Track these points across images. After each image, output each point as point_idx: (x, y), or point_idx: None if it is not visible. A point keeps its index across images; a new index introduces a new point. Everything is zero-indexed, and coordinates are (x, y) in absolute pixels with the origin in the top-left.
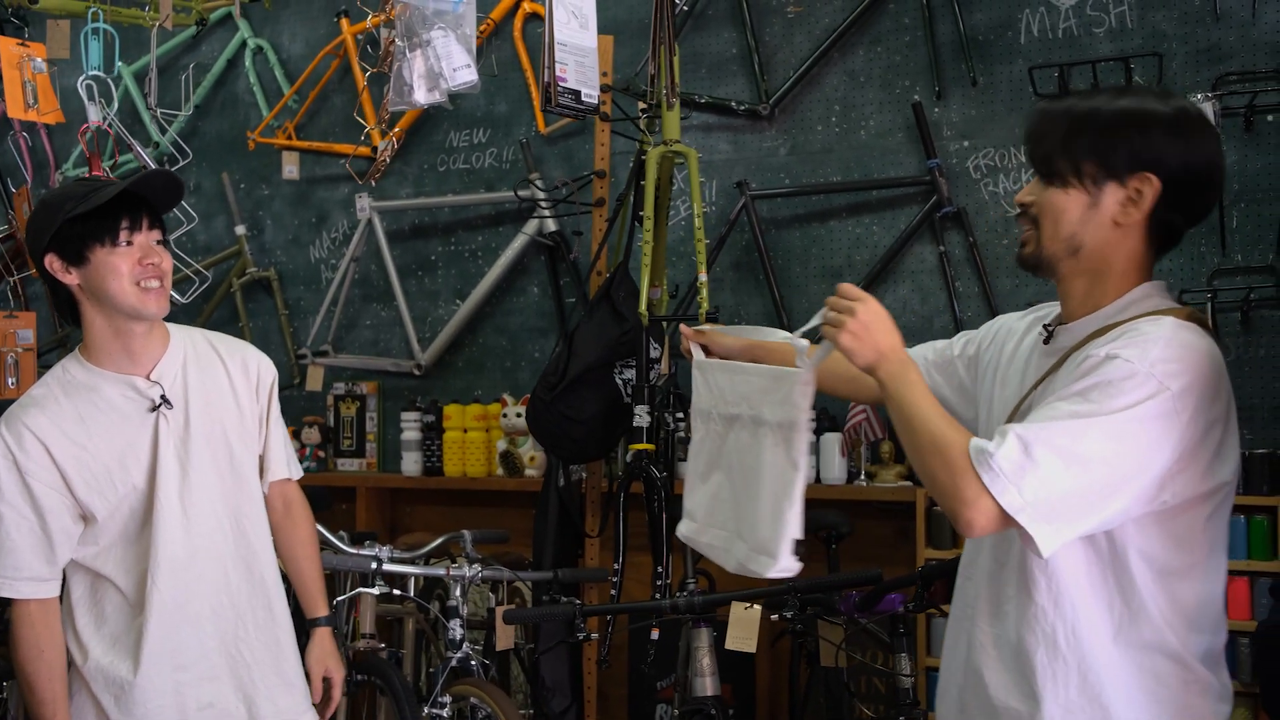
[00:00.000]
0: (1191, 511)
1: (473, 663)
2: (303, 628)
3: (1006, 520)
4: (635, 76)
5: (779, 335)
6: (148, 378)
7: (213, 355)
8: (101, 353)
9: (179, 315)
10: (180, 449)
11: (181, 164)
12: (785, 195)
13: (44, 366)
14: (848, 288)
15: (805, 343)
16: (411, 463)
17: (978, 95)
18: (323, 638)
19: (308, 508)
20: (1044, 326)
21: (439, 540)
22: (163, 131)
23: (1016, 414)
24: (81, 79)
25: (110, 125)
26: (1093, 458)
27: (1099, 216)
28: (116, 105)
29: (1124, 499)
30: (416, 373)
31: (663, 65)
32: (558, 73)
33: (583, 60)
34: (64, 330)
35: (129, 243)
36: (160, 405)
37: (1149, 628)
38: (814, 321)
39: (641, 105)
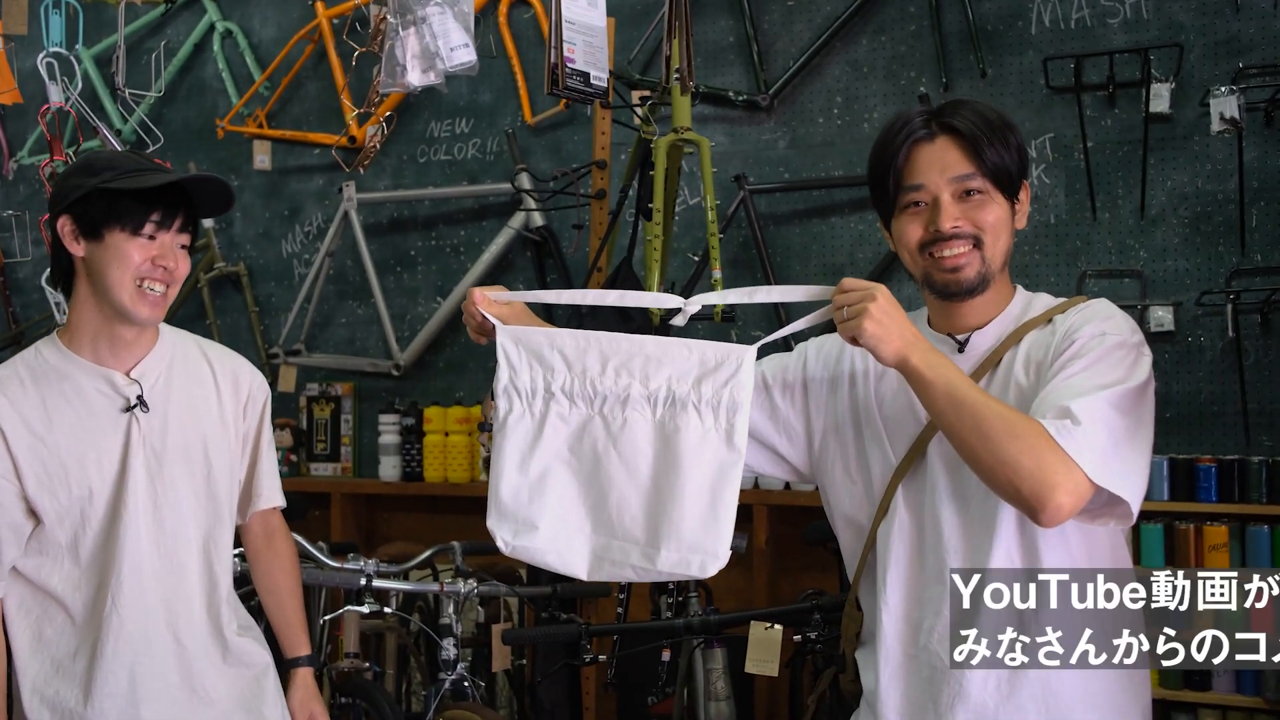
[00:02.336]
0: None
1: (466, 684)
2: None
3: (1094, 493)
4: (629, 63)
5: (647, 299)
6: (127, 374)
7: (202, 363)
8: (83, 338)
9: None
10: (152, 459)
11: (150, 150)
12: (785, 190)
13: None
14: (852, 280)
15: (688, 304)
16: (390, 467)
17: (986, 87)
18: (305, 679)
19: (291, 538)
20: (953, 338)
21: (427, 553)
22: (128, 115)
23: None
24: (42, 56)
25: (73, 106)
26: (1131, 421)
27: (1012, 226)
28: (79, 85)
29: (1150, 459)
30: (395, 373)
31: (676, 47)
32: (565, 53)
33: (591, 40)
34: (19, 327)
35: (151, 237)
36: (135, 407)
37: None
38: (802, 324)
39: (639, 93)
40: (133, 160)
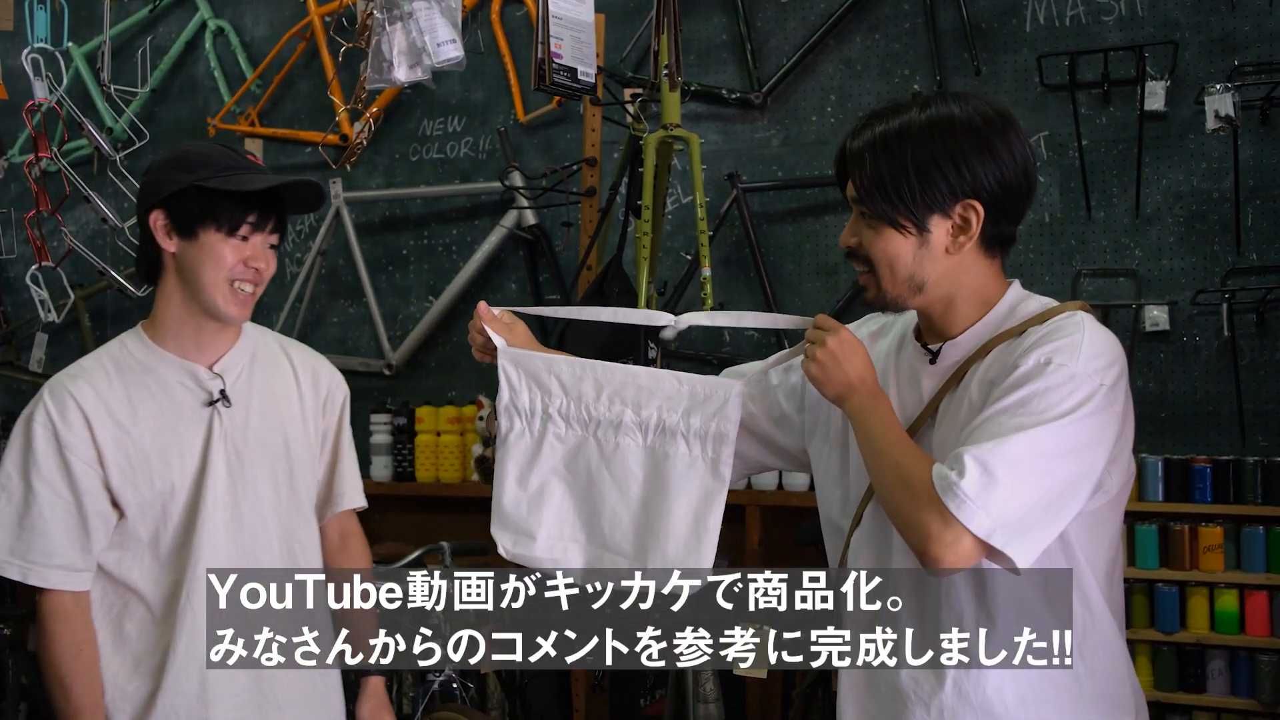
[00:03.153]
0: (1115, 502)
1: (455, 686)
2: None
3: (979, 548)
4: (620, 62)
5: (637, 315)
6: (210, 368)
7: (283, 359)
8: (169, 332)
9: (135, 312)
10: (233, 454)
11: (138, 146)
12: (778, 188)
13: None
14: (823, 318)
15: (679, 320)
16: (381, 468)
17: (981, 85)
18: (376, 689)
19: (365, 542)
20: (926, 347)
21: (416, 553)
22: (118, 114)
23: (918, 433)
24: (26, 52)
25: (59, 103)
26: (1049, 465)
27: (932, 252)
28: (66, 83)
29: (1079, 499)
30: (387, 373)
31: (665, 42)
32: (553, 48)
33: (579, 35)
34: (10, 326)
35: (245, 238)
36: (218, 401)
37: (1106, 629)
38: (781, 356)
39: (630, 91)
40: (228, 156)
